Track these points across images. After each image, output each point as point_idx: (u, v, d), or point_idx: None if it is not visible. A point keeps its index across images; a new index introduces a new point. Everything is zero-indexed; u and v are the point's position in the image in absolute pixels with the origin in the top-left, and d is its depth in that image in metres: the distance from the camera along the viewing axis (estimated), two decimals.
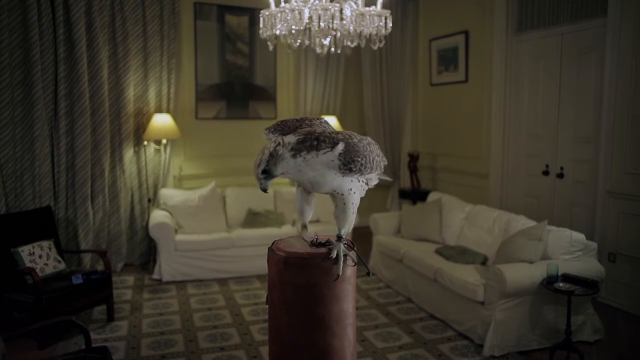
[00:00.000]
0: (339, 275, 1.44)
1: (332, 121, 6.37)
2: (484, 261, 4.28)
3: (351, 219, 1.52)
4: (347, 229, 1.53)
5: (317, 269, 1.47)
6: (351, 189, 1.48)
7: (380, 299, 4.69)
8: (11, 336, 2.71)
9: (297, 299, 1.48)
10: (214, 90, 6.24)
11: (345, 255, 1.47)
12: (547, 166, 5.17)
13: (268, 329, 1.62)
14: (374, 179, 1.59)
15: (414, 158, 6.60)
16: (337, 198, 1.50)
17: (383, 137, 7.02)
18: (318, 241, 1.55)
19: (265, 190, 1.42)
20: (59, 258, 4.18)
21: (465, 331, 3.85)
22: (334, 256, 1.45)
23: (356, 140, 1.44)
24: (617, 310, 4.32)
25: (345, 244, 1.51)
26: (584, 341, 3.68)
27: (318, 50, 4.07)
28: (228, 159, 6.16)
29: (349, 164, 1.40)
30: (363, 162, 1.43)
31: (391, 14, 3.93)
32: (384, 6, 3.88)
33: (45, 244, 4.12)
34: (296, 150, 1.38)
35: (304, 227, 1.57)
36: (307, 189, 1.53)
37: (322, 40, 3.95)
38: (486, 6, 5.73)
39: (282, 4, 3.72)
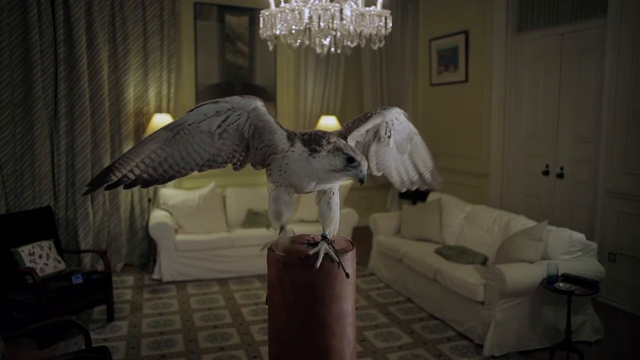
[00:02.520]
0: (315, 267, 1.43)
1: (332, 121, 6.37)
2: (484, 261, 4.28)
3: (337, 218, 1.55)
4: (332, 228, 1.55)
5: (317, 268, 1.46)
6: (337, 189, 1.54)
7: (380, 299, 4.69)
8: (11, 336, 2.71)
9: (297, 298, 1.48)
10: (214, 90, 6.24)
11: (326, 253, 1.48)
12: (547, 166, 5.16)
13: (268, 329, 1.61)
14: None
15: None
16: (327, 196, 1.53)
17: None
18: (315, 241, 1.56)
19: (362, 181, 1.41)
20: (59, 258, 4.18)
21: (465, 331, 3.85)
22: (311, 254, 1.46)
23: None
24: (617, 310, 4.32)
25: (330, 243, 1.51)
26: (584, 341, 3.68)
27: (318, 50, 4.07)
28: None
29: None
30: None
31: (391, 14, 3.93)
32: (384, 6, 3.88)
33: (45, 244, 4.12)
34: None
35: (283, 228, 1.54)
36: (299, 189, 1.52)
37: (322, 40, 3.95)
38: (486, 6, 5.72)
39: (282, 4, 3.72)
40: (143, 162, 1.31)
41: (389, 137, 1.62)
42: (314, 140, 1.43)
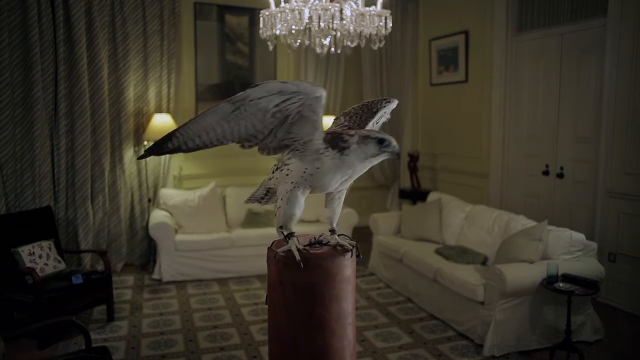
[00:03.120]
0: (358, 252, 1.53)
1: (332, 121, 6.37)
2: (484, 261, 4.28)
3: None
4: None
5: (317, 269, 1.46)
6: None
7: (380, 299, 4.69)
8: (11, 336, 2.71)
9: (297, 298, 1.48)
10: (214, 90, 6.24)
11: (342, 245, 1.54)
12: (547, 166, 5.16)
13: (268, 329, 1.61)
14: None
15: (414, 158, 6.60)
16: (340, 193, 1.58)
17: None
18: (317, 239, 1.57)
19: (399, 154, 1.50)
20: (59, 258, 4.18)
21: (465, 331, 3.85)
22: (280, 252, 1.49)
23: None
24: (617, 310, 4.32)
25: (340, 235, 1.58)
26: (584, 341, 3.68)
27: (318, 50, 4.07)
28: (228, 159, 6.16)
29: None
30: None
31: (391, 14, 3.93)
32: (384, 6, 3.88)
33: (45, 244, 4.12)
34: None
35: (293, 234, 1.50)
36: (321, 190, 1.52)
37: (322, 40, 3.95)
38: (486, 6, 5.72)
39: (282, 4, 3.72)
40: (202, 133, 1.36)
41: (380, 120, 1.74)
42: (336, 138, 1.44)
